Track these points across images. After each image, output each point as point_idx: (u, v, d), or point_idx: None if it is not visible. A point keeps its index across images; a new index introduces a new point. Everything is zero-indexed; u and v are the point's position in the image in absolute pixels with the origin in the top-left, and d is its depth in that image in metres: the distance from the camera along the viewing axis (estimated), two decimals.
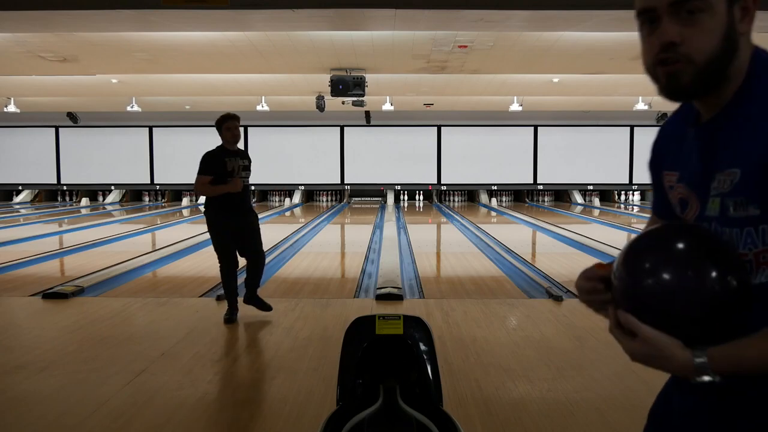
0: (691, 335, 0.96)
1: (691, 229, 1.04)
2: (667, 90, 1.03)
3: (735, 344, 0.95)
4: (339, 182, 18.85)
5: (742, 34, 1.01)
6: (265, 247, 8.85)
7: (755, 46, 1.05)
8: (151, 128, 18.54)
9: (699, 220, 1.08)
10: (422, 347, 2.03)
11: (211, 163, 4.80)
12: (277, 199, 19.53)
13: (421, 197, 19.52)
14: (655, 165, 1.24)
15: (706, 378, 0.96)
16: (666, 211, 1.22)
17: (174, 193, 19.62)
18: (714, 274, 0.95)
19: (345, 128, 18.64)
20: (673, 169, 1.16)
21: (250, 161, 4.98)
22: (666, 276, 0.96)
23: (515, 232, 11.92)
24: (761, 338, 0.94)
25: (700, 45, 0.98)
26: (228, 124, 4.80)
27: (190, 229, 11.87)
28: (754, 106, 0.99)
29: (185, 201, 19.00)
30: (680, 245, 1.00)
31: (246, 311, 5.08)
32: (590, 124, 18.08)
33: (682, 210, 1.14)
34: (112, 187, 19.16)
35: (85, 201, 18.80)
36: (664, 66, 1.01)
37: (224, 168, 4.77)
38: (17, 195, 19.51)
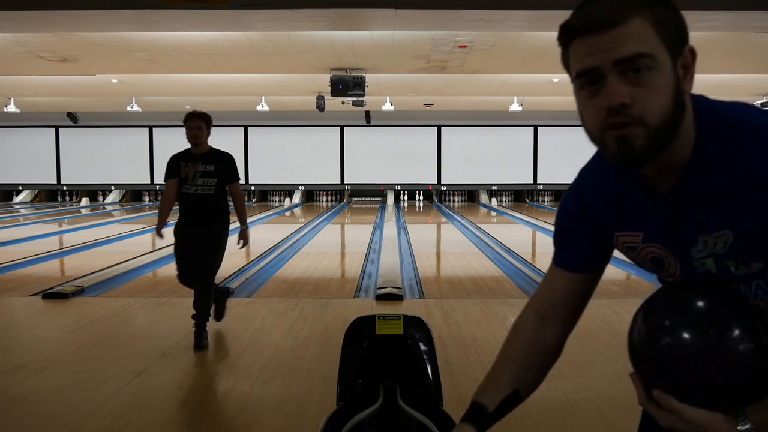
0: (732, 404, 0.93)
1: (716, 292, 0.98)
2: (620, 157, 0.94)
3: None
4: (339, 182, 18.85)
5: (685, 93, 0.95)
6: (265, 247, 8.94)
7: (692, 98, 0.99)
8: (151, 128, 18.54)
9: (689, 277, 1.05)
10: (422, 347, 2.03)
11: (168, 166, 4.37)
12: (277, 199, 19.53)
13: (421, 197, 19.52)
14: (588, 222, 1.15)
15: None
16: (584, 266, 1.19)
17: None
18: (748, 340, 0.91)
19: (345, 128, 18.64)
20: (633, 231, 1.09)
21: (220, 165, 4.31)
22: (702, 349, 0.91)
23: (515, 232, 11.92)
24: None
25: (652, 106, 0.90)
26: (189, 123, 4.28)
27: None
28: (723, 167, 0.95)
29: None
30: (709, 309, 0.94)
31: (246, 311, 5.09)
32: None
33: (658, 268, 1.10)
34: (112, 187, 19.16)
35: (85, 201, 18.81)
36: (614, 131, 0.92)
37: (178, 173, 4.30)
38: (17, 195, 19.51)
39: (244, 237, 4.51)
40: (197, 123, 4.27)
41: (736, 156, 0.94)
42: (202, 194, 4.27)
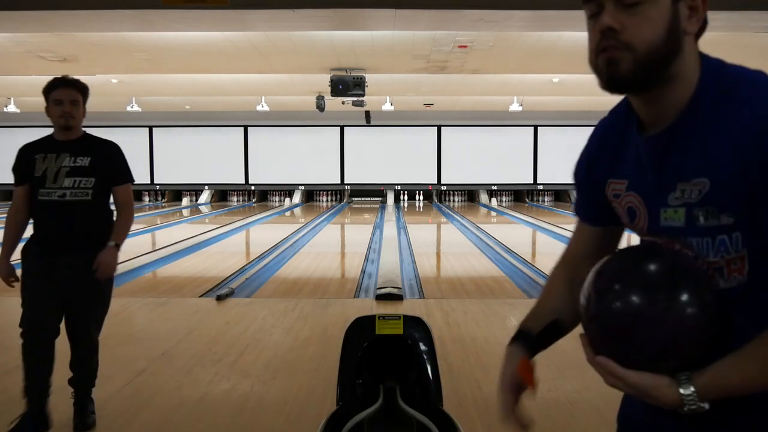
0: (676, 368, 0.94)
1: (665, 254, 0.99)
2: (607, 80, 0.99)
3: (719, 370, 0.93)
4: (339, 182, 18.85)
5: (687, 34, 1.01)
6: (265, 247, 8.93)
7: (703, 54, 1.05)
8: (151, 128, 18.54)
9: (652, 230, 1.06)
10: (422, 347, 2.03)
11: (17, 165, 2.97)
12: (277, 199, 19.53)
13: (421, 197, 19.52)
14: (592, 170, 1.20)
15: (695, 407, 0.94)
16: (598, 219, 1.21)
17: (174, 193, 19.62)
18: (694, 303, 0.92)
19: (345, 128, 18.64)
20: (621, 177, 1.12)
21: (100, 158, 2.96)
22: (646, 312, 0.92)
23: (515, 232, 11.92)
24: (743, 361, 0.92)
25: (640, 34, 0.96)
26: (57, 94, 2.93)
27: (190, 229, 11.88)
28: (716, 114, 0.97)
29: (185, 201, 19.00)
30: (655, 274, 0.95)
31: (246, 311, 5.09)
32: (590, 124, 17.78)
33: (630, 220, 1.12)
34: None
35: None
36: (605, 53, 0.98)
37: (32, 171, 2.88)
38: None
39: (105, 259, 2.88)
40: (71, 94, 2.95)
41: (728, 103, 0.97)
42: (72, 202, 2.85)
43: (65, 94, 2.93)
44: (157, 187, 18.83)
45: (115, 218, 3.07)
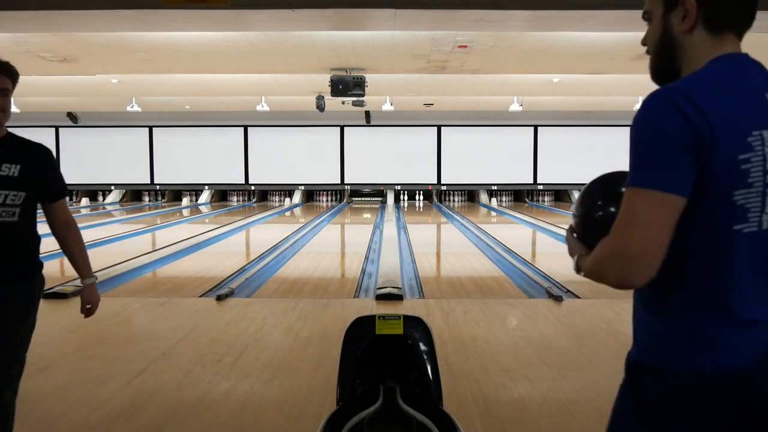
0: (588, 245, 1.33)
1: (607, 175, 1.46)
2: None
3: (585, 257, 1.30)
4: (339, 182, 18.85)
5: (683, 32, 1.27)
6: (265, 247, 8.93)
7: (727, 54, 1.30)
8: (151, 128, 18.54)
9: None
10: (422, 347, 2.03)
11: None
12: (277, 199, 19.53)
13: (421, 197, 19.52)
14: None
15: (575, 269, 1.35)
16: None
17: (174, 193, 19.62)
18: (602, 205, 1.38)
19: (345, 128, 18.64)
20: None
21: (31, 166, 2.31)
22: (583, 205, 1.43)
23: (515, 232, 11.92)
24: (591, 256, 1.25)
25: (650, 42, 1.36)
26: None
27: (190, 229, 11.87)
28: None
29: (185, 201, 19.00)
30: (595, 185, 1.47)
31: (246, 311, 5.09)
32: (590, 124, 18.07)
33: None
34: (112, 187, 19.16)
35: (85, 201, 18.80)
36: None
37: None
38: None
39: (89, 296, 2.46)
40: (1, 81, 2.32)
41: None
42: None
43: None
44: (157, 187, 18.83)
45: (62, 241, 2.44)
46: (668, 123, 1.09)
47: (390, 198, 18.67)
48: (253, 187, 18.94)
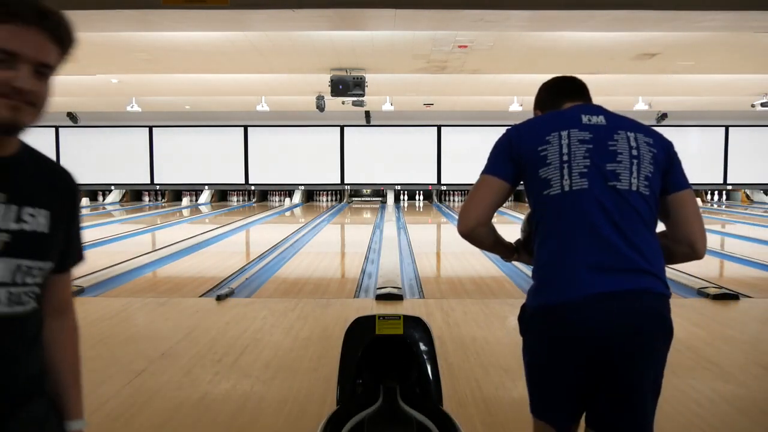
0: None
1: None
2: None
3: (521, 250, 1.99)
4: (339, 182, 18.85)
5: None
6: (265, 247, 8.94)
7: None
8: (151, 128, 18.54)
9: None
10: (422, 347, 2.03)
11: None
12: (277, 199, 19.53)
13: (421, 197, 19.52)
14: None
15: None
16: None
17: (174, 193, 19.62)
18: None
19: (345, 128, 18.64)
20: None
21: (59, 209, 1.26)
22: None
23: (515, 232, 11.90)
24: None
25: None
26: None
27: (190, 229, 11.87)
28: None
29: (185, 201, 19.01)
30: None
31: (246, 311, 5.09)
32: None
33: None
34: (112, 187, 19.17)
35: (84, 201, 18.81)
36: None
37: None
38: None
39: None
40: (40, 45, 1.17)
41: None
42: (5, 319, 1.17)
43: (27, 43, 1.15)
44: (157, 187, 18.83)
45: (50, 341, 1.34)
46: (498, 141, 1.82)
47: (390, 198, 18.68)
48: (253, 187, 18.94)
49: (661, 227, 1.79)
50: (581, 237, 1.63)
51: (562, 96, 1.88)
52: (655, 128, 1.81)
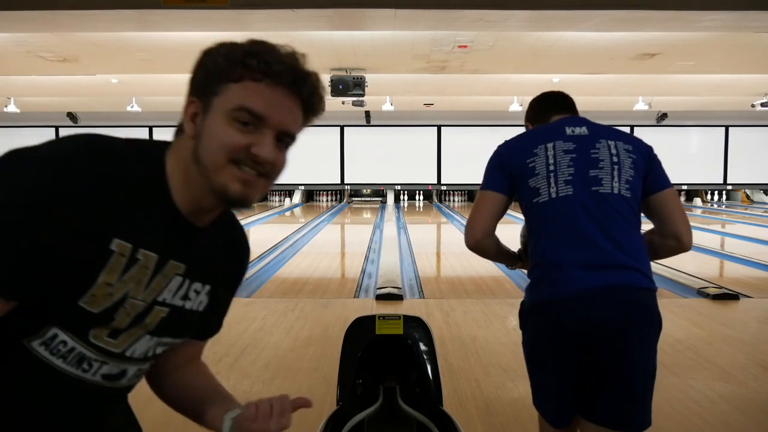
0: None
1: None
2: None
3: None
4: (339, 182, 18.85)
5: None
6: (265, 247, 8.94)
7: None
8: (151, 128, 18.54)
9: None
10: (422, 347, 2.03)
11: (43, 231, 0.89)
12: (277, 199, 19.53)
13: (421, 197, 19.52)
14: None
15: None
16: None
17: None
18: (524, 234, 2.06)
19: (345, 128, 18.64)
20: None
21: (222, 286, 1.18)
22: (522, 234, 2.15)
23: (515, 232, 11.90)
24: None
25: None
26: (255, 95, 1.00)
27: None
28: None
29: None
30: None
31: (246, 311, 5.09)
32: None
33: None
34: None
35: None
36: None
37: (82, 284, 0.94)
38: None
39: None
40: (291, 109, 1.07)
41: None
42: (114, 392, 1.11)
43: (275, 107, 1.03)
44: None
45: (189, 382, 1.32)
46: (491, 158, 2.03)
47: (390, 198, 18.68)
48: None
49: (650, 225, 1.93)
50: (569, 238, 1.76)
51: (550, 110, 2.01)
52: (656, 128, 1.88)
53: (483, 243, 1.92)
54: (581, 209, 1.76)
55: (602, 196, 1.77)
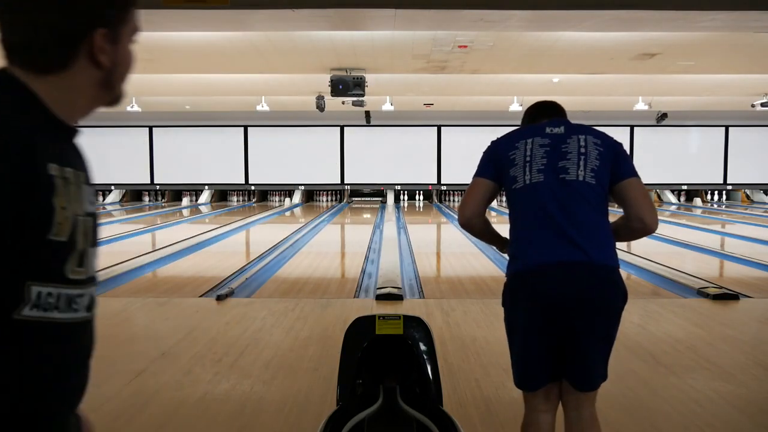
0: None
1: None
2: None
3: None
4: (339, 182, 18.85)
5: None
6: (265, 247, 8.94)
7: None
8: (151, 128, 18.54)
9: None
10: (422, 347, 2.03)
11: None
12: (277, 199, 19.53)
13: (421, 197, 19.52)
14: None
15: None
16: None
17: (174, 193, 19.62)
18: None
19: (345, 128, 18.64)
20: None
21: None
22: None
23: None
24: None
25: None
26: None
27: (190, 229, 11.87)
28: None
29: (185, 201, 19.00)
30: None
31: (246, 311, 5.09)
32: (590, 124, 18.03)
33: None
34: (112, 187, 19.15)
35: None
36: None
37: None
38: None
39: None
40: None
41: None
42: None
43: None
44: (157, 187, 18.82)
45: None
46: (484, 151, 2.25)
47: (390, 198, 18.67)
48: (253, 187, 18.94)
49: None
50: (538, 219, 2.03)
51: (541, 115, 2.27)
52: (656, 128, 1.94)
53: (472, 221, 2.18)
54: (549, 194, 2.03)
55: (568, 183, 2.03)
